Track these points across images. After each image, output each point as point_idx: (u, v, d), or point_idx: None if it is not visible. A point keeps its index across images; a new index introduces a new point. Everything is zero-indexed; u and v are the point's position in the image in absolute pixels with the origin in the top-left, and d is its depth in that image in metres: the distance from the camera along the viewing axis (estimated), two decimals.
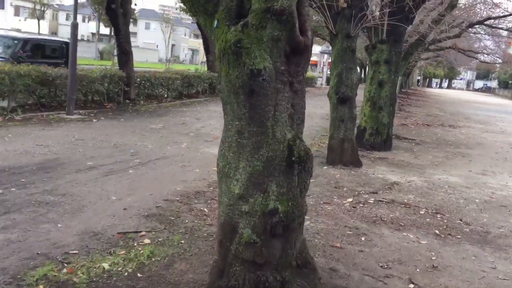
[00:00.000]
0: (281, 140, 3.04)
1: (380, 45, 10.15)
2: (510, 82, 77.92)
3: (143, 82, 14.65)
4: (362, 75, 40.56)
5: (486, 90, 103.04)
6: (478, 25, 23.19)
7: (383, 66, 10.14)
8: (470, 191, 7.21)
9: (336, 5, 8.13)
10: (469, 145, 12.78)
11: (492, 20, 24.14)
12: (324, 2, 8.02)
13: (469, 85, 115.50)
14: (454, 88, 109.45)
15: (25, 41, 13.33)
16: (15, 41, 13.27)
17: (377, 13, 9.80)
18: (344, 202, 5.95)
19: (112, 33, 70.48)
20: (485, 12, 22.37)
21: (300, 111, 3.46)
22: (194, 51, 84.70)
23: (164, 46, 69.08)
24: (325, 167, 7.90)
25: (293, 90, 3.38)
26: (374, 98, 10.24)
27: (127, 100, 13.62)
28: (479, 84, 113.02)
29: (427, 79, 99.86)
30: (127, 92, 13.62)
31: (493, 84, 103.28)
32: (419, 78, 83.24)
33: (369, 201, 6.06)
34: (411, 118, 19.08)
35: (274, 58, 3.01)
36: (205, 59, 21.89)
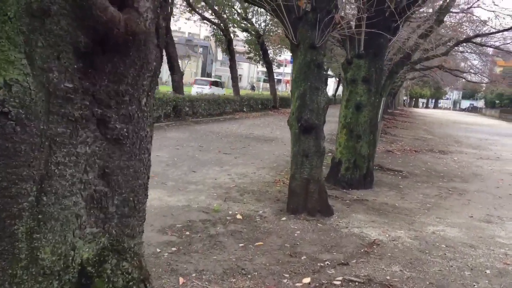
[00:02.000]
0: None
1: (357, 60, 8.36)
2: (497, 101, 77.33)
3: None
4: (338, 92, 38.42)
5: (473, 110, 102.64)
6: (465, 43, 21.98)
7: (361, 86, 8.34)
8: (477, 253, 5.30)
9: (297, 8, 6.33)
10: (464, 176, 10.96)
11: (480, 38, 22.99)
12: (281, 3, 6.23)
13: (455, 105, 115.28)
14: (441, 108, 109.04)
15: None
16: None
17: (351, 18, 8.05)
18: (298, 285, 4.00)
19: None
20: (471, 31, 21.19)
21: (132, 189, 1.55)
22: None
23: None
24: (284, 218, 5.96)
25: (109, 137, 1.42)
26: (351, 124, 8.40)
27: None
28: (465, 104, 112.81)
29: (414, 99, 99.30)
30: None
31: (480, 103, 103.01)
32: (405, 98, 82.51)
33: (335, 282, 4.12)
34: (397, 143, 17.31)
35: (41, 60, 1.08)
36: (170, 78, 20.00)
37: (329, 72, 49.92)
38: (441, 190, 8.94)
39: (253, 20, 29.51)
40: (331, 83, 66.37)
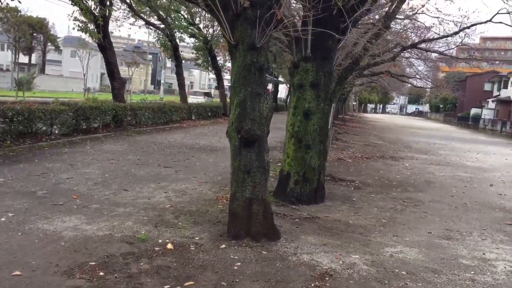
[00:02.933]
0: None
1: (304, 63, 7.68)
2: (441, 106, 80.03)
3: (14, 116, 11.40)
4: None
5: (418, 114, 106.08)
6: (410, 49, 22.12)
7: (309, 91, 7.66)
8: (441, 279, 4.66)
9: (235, 3, 5.54)
10: (417, 185, 10.53)
11: (425, 44, 23.21)
12: None
13: (402, 110, 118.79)
14: (389, 113, 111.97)
15: None
16: None
17: (297, 16, 7.37)
18: None
19: (32, 62, 65.25)
20: (416, 37, 21.33)
21: None
22: (127, 80, 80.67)
23: (92, 75, 64.73)
24: (223, 246, 5.12)
25: None
26: (299, 133, 7.69)
27: None
28: (411, 108, 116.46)
29: (362, 105, 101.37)
30: None
31: (425, 108, 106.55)
32: (354, 103, 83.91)
33: None
34: (349, 150, 16.90)
35: None
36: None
37: (280, 79, 49.74)
38: (395, 202, 8.39)
39: (201, 25, 28.65)
40: (282, 89, 66.36)
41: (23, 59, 63.80)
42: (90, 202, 6.52)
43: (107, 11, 16.00)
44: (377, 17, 16.39)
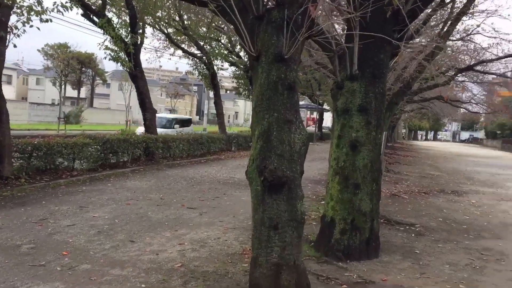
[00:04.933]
0: None
1: (350, 83, 6.20)
2: (498, 132, 75.51)
3: (32, 151, 10.51)
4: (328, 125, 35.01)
5: (473, 141, 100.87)
6: (465, 72, 20.31)
7: (356, 117, 6.15)
8: None
9: (256, 4, 4.20)
10: (493, 229, 8.63)
11: (480, 67, 21.31)
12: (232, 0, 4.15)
13: (455, 137, 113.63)
14: (440, 140, 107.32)
15: None
16: None
17: (339, 26, 5.99)
18: None
19: (81, 96, 67.03)
20: (472, 59, 19.60)
21: None
22: (172, 111, 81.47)
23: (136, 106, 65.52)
24: None
25: None
26: (346, 169, 6.15)
27: None
28: (465, 135, 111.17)
29: (412, 132, 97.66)
30: None
31: (480, 134, 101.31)
32: (404, 130, 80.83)
33: None
34: (403, 183, 15.01)
35: None
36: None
37: (325, 106, 48.17)
38: (471, 255, 6.59)
39: (241, 53, 27.82)
40: (328, 118, 64.65)
41: (72, 93, 65.71)
42: (81, 260, 5.21)
43: (139, 38, 15.21)
44: (428, 40, 14.95)
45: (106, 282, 4.61)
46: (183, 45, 23.21)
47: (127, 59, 14.81)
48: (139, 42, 15.39)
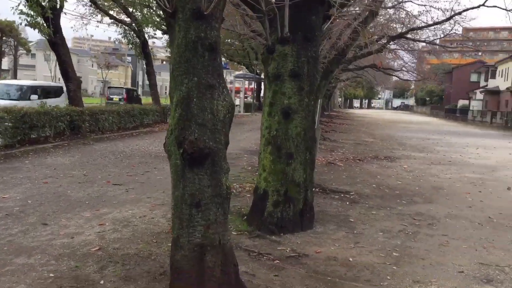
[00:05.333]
0: None
1: (281, 46, 5.82)
2: (427, 99, 79.01)
3: None
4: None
5: (404, 108, 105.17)
6: (398, 39, 20.70)
7: (289, 83, 5.80)
8: None
9: None
10: (424, 193, 8.75)
11: (411, 35, 21.81)
12: None
13: (387, 104, 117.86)
14: (374, 108, 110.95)
15: None
16: None
17: None
18: None
19: (4, 68, 62.34)
20: (403, 28, 20.03)
21: None
22: (105, 83, 78.01)
23: None
24: None
25: None
26: (278, 138, 5.82)
27: None
28: (397, 102, 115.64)
29: (348, 100, 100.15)
30: None
31: (410, 101, 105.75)
32: (340, 99, 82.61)
33: None
34: (338, 151, 15.10)
35: None
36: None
37: (263, 76, 47.89)
38: (404, 221, 6.57)
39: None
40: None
41: None
42: None
43: (58, 2, 13.96)
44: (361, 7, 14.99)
45: (7, 273, 4.04)
46: (111, 12, 21.80)
47: (45, 24, 13.58)
48: (58, 6, 14.15)
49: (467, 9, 18.13)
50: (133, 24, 21.13)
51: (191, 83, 3.65)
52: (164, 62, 78.92)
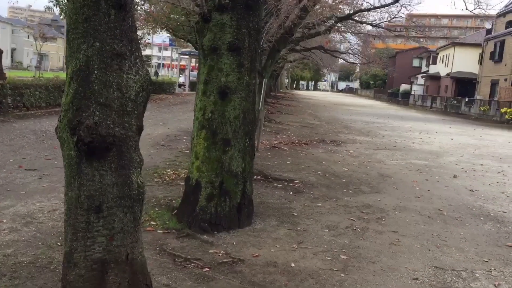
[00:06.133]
0: None
1: (218, 15, 4.99)
2: (371, 82, 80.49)
3: None
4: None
5: (349, 91, 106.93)
6: (345, 21, 20.49)
7: (227, 58, 5.00)
8: None
9: None
10: (371, 181, 8.29)
11: (358, 18, 21.75)
12: None
13: (333, 87, 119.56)
14: (320, 90, 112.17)
15: None
16: None
17: None
18: None
19: None
20: (350, 10, 19.89)
21: None
22: (43, 56, 73.31)
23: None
24: None
25: None
26: (213, 122, 5.04)
27: None
28: (342, 85, 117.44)
29: (295, 82, 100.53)
30: None
31: (355, 85, 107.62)
32: (287, 80, 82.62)
33: None
34: (283, 133, 14.53)
35: None
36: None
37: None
38: (352, 214, 6.01)
39: None
40: None
41: None
42: None
43: None
44: None
45: None
46: None
47: None
48: None
49: None
50: None
51: (91, 50, 2.78)
52: None
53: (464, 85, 44.79)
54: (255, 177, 7.29)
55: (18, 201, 5.41)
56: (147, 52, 76.17)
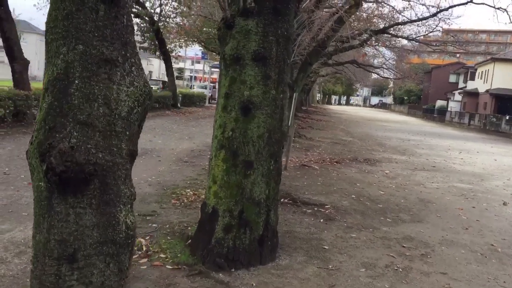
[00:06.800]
0: None
1: (242, 20, 4.38)
2: (405, 98, 78.69)
3: None
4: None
5: (382, 106, 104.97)
6: (380, 35, 19.75)
7: (251, 69, 4.37)
8: None
9: None
10: (411, 208, 7.46)
11: (394, 32, 21.03)
12: None
13: (365, 102, 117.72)
14: (352, 105, 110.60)
15: None
16: None
17: None
18: None
19: None
20: (386, 23, 19.17)
21: None
22: None
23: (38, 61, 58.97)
24: None
25: None
26: (234, 142, 4.40)
27: None
28: (375, 100, 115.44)
29: (326, 96, 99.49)
30: None
31: (388, 100, 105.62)
32: (318, 95, 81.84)
33: None
34: (314, 150, 13.77)
35: None
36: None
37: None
38: (391, 250, 5.23)
39: (147, 3, 25.15)
40: None
41: None
42: None
43: None
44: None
45: None
46: None
47: None
48: None
49: (454, 6, 16.97)
50: None
51: (72, 54, 2.21)
52: (141, 50, 76.48)
53: (504, 102, 42.87)
54: (281, 200, 6.63)
55: (17, 224, 4.89)
56: (180, 65, 76.88)
